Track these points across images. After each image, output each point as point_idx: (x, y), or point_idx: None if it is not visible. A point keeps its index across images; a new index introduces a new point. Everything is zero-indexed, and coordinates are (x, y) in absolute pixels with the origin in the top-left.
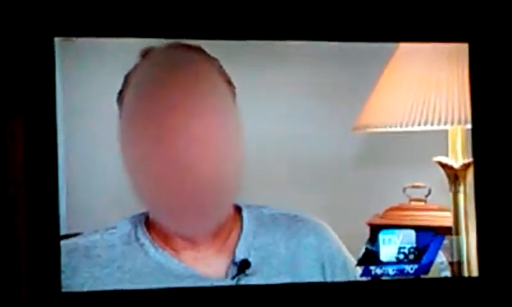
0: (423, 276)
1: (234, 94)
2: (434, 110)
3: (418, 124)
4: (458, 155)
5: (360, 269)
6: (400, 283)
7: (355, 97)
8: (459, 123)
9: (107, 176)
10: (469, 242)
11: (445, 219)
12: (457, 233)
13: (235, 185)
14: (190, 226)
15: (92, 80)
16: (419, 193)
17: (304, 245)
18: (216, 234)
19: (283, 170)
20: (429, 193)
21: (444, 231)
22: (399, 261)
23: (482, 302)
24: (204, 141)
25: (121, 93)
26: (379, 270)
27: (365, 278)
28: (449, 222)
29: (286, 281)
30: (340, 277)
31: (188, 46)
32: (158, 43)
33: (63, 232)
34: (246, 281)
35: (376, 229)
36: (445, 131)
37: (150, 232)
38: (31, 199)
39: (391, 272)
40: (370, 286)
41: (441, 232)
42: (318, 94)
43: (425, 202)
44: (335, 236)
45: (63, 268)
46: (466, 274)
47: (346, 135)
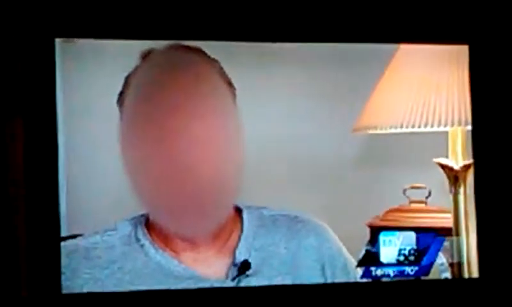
0: (423, 278)
1: (234, 95)
2: (434, 111)
3: (418, 125)
4: (458, 157)
5: (360, 270)
6: (400, 285)
7: (355, 98)
8: (459, 124)
9: (107, 177)
10: (469, 243)
11: (445, 221)
12: (457, 235)
13: (235, 186)
14: (190, 227)
15: (92, 81)
16: (419, 194)
17: (304, 246)
18: (216, 235)
19: (283, 171)
20: (429, 194)
21: (444, 232)
22: (399, 262)
23: (482, 303)
24: (204, 142)
25: (121, 95)
26: (379, 271)
27: (366, 279)
28: (449, 223)
29: (286, 282)
30: (341, 278)
31: (188, 47)
32: (158, 45)
33: (63, 234)
34: (247, 282)
35: (376, 230)
36: (445, 132)
37: (150, 233)
38: (31, 199)
39: (391, 274)
40: (370, 287)
41: (441, 233)
42: (318, 95)
43: (425, 203)
44: (335, 237)
45: (63, 269)
46: (466, 276)
47: (346, 136)
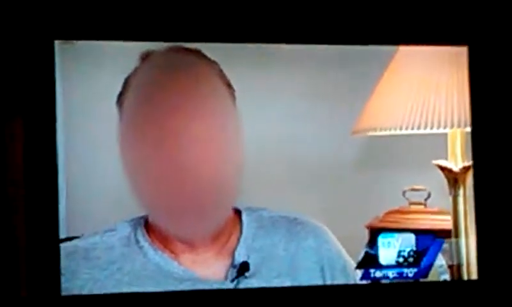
0: (422, 279)
1: (234, 97)
2: (433, 113)
3: (417, 127)
4: (458, 158)
5: (360, 272)
6: (399, 286)
7: (355, 100)
8: (458, 126)
9: (106, 178)
10: (468, 245)
11: (445, 222)
12: (456, 236)
13: (235, 188)
14: (189, 229)
15: (92, 82)
16: (418, 196)
17: (303, 247)
18: (216, 237)
19: (282, 172)
20: (429, 196)
21: (444, 234)
22: (399, 264)
23: (481, 305)
24: (204, 144)
25: (120, 96)
26: (378, 273)
27: (365, 281)
28: (449, 225)
29: (285, 284)
30: (340, 280)
31: (188, 49)
32: (158, 47)
33: (63, 235)
34: (246, 284)
35: (376, 232)
36: (445, 134)
37: (150, 234)
38: (30, 200)
39: (390, 276)
40: (369, 289)
41: (440, 235)
42: (317, 96)
43: (424, 205)
44: (335, 239)
45: (62, 270)
46: (465, 277)
47: (346, 138)
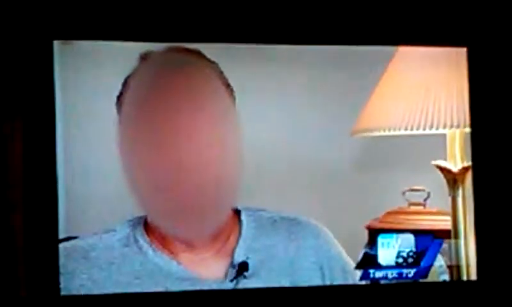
0: (422, 280)
1: (233, 97)
2: (432, 113)
3: (416, 128)
4: (457, 159)
5: (359, 272)
6: (399, 287)
7: (354, 101)
8: (457, 127)
9: (105, 179)
10: (468, 246)
11: (444, 223)
12: (456, 237)
13: (234, 189)
14: (189, 230)
15: (91, 83)
16: (418, 197)
17: (303, 248)
18: (215, 237)
19: (282, 173)
20: (428, 197)
21: (443, 234)
22: (398, 264)
23: (481, 305)
24: (203, 144)
25: (120, 97)
26: (378, 273)
27: (364, 282)
28: (448, 225)
29: (285, 284)
30: (339, 280)
31: (187, 50)
32: (157, 47)
33: (62, 235)
34: (245, 284)
35: (375, 232)
36: (444, 135)
37: (149, 235)
38: (30, 200)
39: (390, 276)
40: (369, 289)
41: (440, 236)
42: (317, 97)
43: (424, 206)
44: (334, 239)
45: (62, 270)
46: (465, 278)
47: (345, 138)
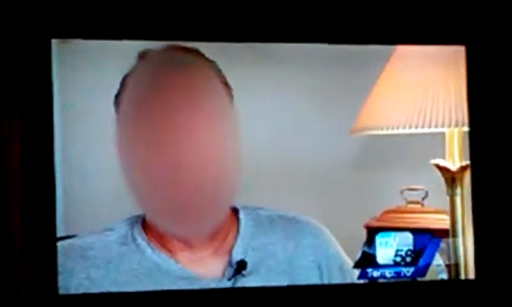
0: (420, 279)
1: (231, 96)
2: (431, 112)
3: (415, 126)
4: (455, 158)
5: (357, 271)
6: (397, 286)
7: (352, 99)
8: (456, 126)
9: (103, 177)
10: (466, 245)
11: (442, 222)
12: (454, 236)
13: (232, 188)
14: (187, 228)
15: (89, 82)
16: (416, 196)
17: (301, 246)
18: (213, 236)
19: (280, 172)
20: (426, 196)
21: (441, 233)
22: (396, 263)
23: (479, 304)
24: (201, 143)
25: (118, 96)
26: (376, 272)
27: (362, 281)
28: (446, 224)
29: (283, 283)
30: (337, 279)
31: (185, 48)
32: (155, 45)
33: (60, 234)
34: (243, 282)
35: (373, 231)
36: (442, 133)
37: (147, 233)
38: (28, 199)
39: (388, 275)
40: (367, 288)
41: (438, 235)
42: (315, 96)
43: (422, 205)
44: (332, 238)
45: (60, 269)
46: (463, 277)
47: (343, 137)
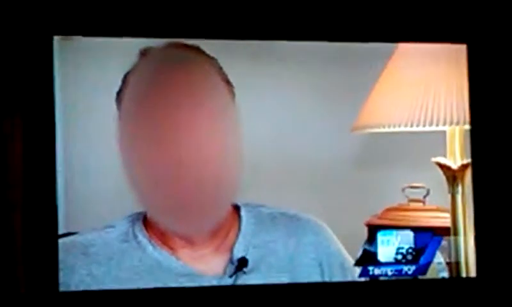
0: (421, 277)
1: (233, 93)
2: (432, 110)
3: (416, 124)
4: (456, 156)
5: (358, 269)
6: (398, 284)
7: (354, 97)
8: (457, 124)
9: (105, 175)
10: (467, 243)
11: (443, 220)
12: (455, 234)
13: (233, 185)
14: (189, 226)
15: (91, 79)
16: (417, 194)
17: (302, 244)
18: (214, 233)
19: (281, 170)
20: (428, 194)
21: (442, 231)
22: (397, 261)
23: (480, 302)
24: (203, 141)
25: (119, 93)
26: (377, 270)
27: (363, 278)
28: (447, 222)
29: (284, 280)
30: (338, 277)
31: (187, 45)
32: (157, 43)
33: (61, 231)
34: (244, 279)
35: (374, 229)
36: (444, 132)
37: (148, 230)
38: (29, 196)
39: (389, 273)
40: (368, 286)
41: (439, 233)
42: (316, 94)
43: (423, 203)
44: (334, 236)
45: (61, 265)
46: (464, 275)
47: (345, 135)
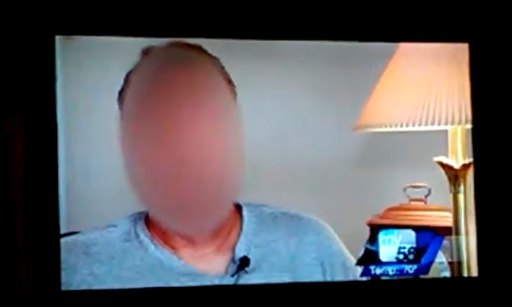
0: (422, 276)
1: (235, 93)
2: (434, 110)
3: (418, 124)
4: (458, 155)
5: (360, 269)
6: (399, 283)
7: (355, 97)
8: (459, 123)
9: (107, 174)
10: (469, 243)
11: (445, 219)
12: (457, 234)
13: (235, 184)
14: (191, 226)
15: (93, 79)
16: (419, 193)
17: (304, 243)
18: (216, 232)
19: (282, 170)
20: (429, 193)
21: (444, 231)
22: (399, 261)
23: (481, 302)
24: (204, 140)
25: (121, 92)
26: (378, 270)
27: (365, 278)
28: (449, 222)
29: (286, 279)
30: (340, 276)
31: (189, 45)
32: (159, 42)
33: (63, 231)
34: (246, 279)
35: (376, 229)
36: (445, 131)
37: (150, 230)
38: (31, 195)
39: (390, 272)
40: (369, 286)
41: (441, 232)
42: (318, 94)
43: (425, 202)
44: (335, 235)
45: (63, 265)
46: (465, 274)
47: (346, 135)
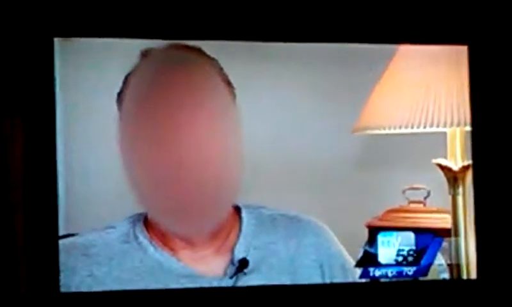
0: (422, 278)
1: (234, 95)
2: (433, 112)
3: (417, 126)
4: (457, 157)
5: (359, 271)
6: (398, 285)
7: (355, 99)
8: (458, 125)
9: (106, 176)
10: (468, 245)
11: (444, 221)
12: (456, 235)
13: (234, 186)
14: (190, 227)
15: (91, 80)
16: (418, 195)
17: (303, 245)
18: (215, 234)
19: (281, 171)
20: (428, 195)
21: (443, 233)
22: (398, 263)
23: (480, 304)
24: (204, 142)
25: (120, 94)
26: (377, 272)
27: (364, 280)
28: (448, 224)
29: (284, 281)
30: (339, 278)
31: (187, 47)
32: (157, 44)
33: (62, 232)
34: (245, 281)
35: (375, 231)
36: (444, 133)
37: (149, 231)
38: (30, 197)
39: (390, 274)
40: (368, 287)
41: (440, 234)
42: (317, 95)
43: (424, 204)
44: (334, 237)
45: (61, 266)
46: (465, 277)
47: (346, 137)
